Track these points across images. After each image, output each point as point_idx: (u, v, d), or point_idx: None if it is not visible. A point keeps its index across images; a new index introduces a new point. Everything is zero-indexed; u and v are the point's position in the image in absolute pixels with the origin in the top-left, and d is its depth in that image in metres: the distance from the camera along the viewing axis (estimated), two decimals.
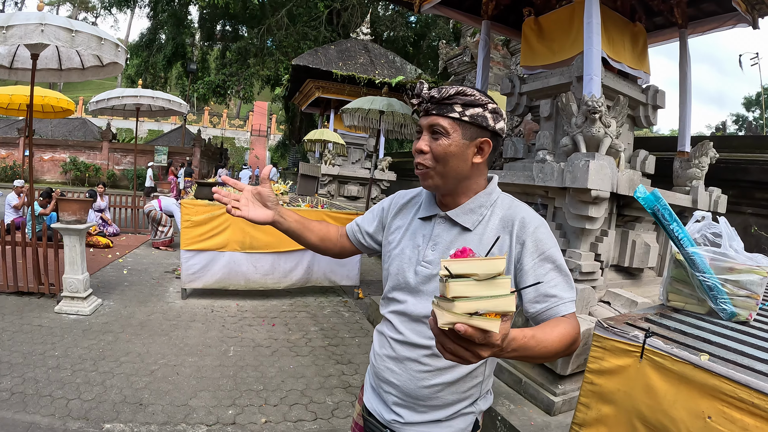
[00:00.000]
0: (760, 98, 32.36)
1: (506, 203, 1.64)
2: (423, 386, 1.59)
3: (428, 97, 1.53)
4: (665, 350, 1.52)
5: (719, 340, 1.66)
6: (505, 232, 1.56)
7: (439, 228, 1.64)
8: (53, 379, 4.25)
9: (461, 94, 1.50)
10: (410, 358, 1.61)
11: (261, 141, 51.05)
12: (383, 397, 1.70)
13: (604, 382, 1.70)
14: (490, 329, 0.98)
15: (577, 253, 4.17)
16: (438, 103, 1.52)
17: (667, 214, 1.85)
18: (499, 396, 3.97)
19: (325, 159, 13.03)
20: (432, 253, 1.61)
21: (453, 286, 0.99)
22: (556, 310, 1.47)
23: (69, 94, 32.61)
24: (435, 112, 1.53)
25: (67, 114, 11.78)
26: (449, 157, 1.52)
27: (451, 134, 1.51)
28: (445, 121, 1.51)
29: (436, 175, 1.57)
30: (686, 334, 1.71)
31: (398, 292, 1.68)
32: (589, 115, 4.07)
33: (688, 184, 5.11)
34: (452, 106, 1.50)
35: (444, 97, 1.50)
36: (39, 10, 5.84)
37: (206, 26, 33.29)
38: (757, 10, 4.77)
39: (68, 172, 25.76)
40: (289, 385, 4.60)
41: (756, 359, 1.50)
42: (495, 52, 11.35)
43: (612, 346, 1.68)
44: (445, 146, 1.51)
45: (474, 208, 1.61)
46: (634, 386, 1.59)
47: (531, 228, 1.54)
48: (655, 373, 1.53)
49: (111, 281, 7.52)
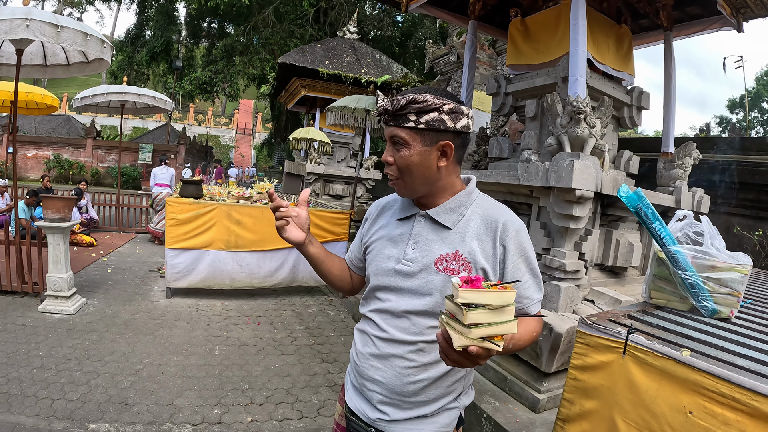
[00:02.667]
0: (744, 100, 32.70)
1: (486, 203, 1.68)
2: (409, 382, 1.61)
3: (383, 110, 1.57)
4: (647, 346, 1.54)
5: (701, 337, 1.69)
6: (488, 233, 1.61)
7: (419, 226, 1.67)
8: (38, 378, 4.22)
9: (413, 102, 1.52)
10: (395, 355, 1.62)
11: (246, 139, 50.92)
12: (367, 395, 1.71)
13: (588, 377, 1.72)
14: (497, 350, 1.17)
15: (562, 252, 4.20)
16: (393, 115, 1.55)
17: (650, 213, 1.88)
18: (484, 394, 3.98)
19: (310, 158, 12.99)
20: (412, 251, 1.64)
21: (470, 314, 1.14)
22: (527, 309, 1.63)
23: (53, 90, 32.32)
24: (392, 123, 1.56)
25: (51, 110, 11.67)
26: (412, 166, 1.57)
27: (410, 144, 1.55)
28: (402, 131, 1.55)
29: (404, 185, 1.62)
30: (668, 330, 1.74)
31: (380, 291, 1.71)
32: (574, 115, 4.10)
33: (672, 185, 5.15)
34: (406, 116, 1.53)
35: (396, 108, 1.53)
36: (24, 5, 5.78)
37: (193, 23, 33.10)
38: (741, 14, 4.82)
39: (52, 169, 25.49)
40: (274, 383, 4.59)
41: (737, 355, 1.53)
42: (481, 52, 11.40)
43: (595, 343, 1.70)
44: (407, 157, 1.56)
45: (454, 208, 1.65)
46: (617, 382, 1.62)
47: (513, 232, 1.60)
48: (638, 369, 1.56)
49: (95, 280, 7.47)
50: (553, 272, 4.24)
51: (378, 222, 1.84)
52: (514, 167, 4.64)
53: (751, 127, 32.39)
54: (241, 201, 7.42)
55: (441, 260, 1.58)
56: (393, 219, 1.76)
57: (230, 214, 6.86)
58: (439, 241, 1.62)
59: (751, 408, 1.27)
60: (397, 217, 1.75)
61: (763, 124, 45.81)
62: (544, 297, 4.07)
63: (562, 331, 3.55)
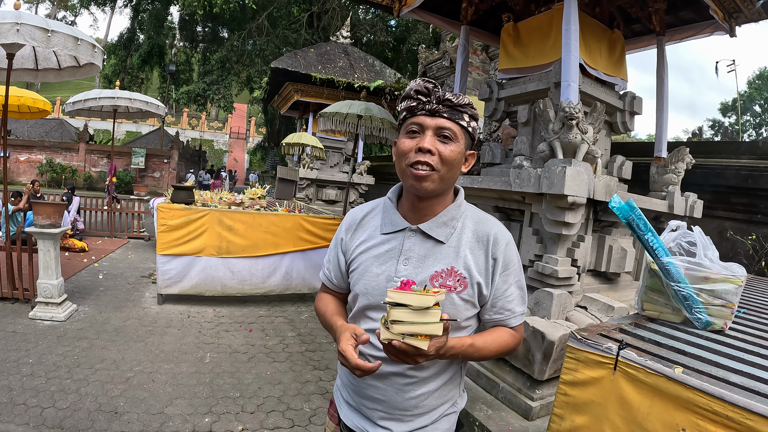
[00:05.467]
0: (737, 104, 32.88)
1: (475, 215, 1.67)
2: (410, 397, 1.59)
3: (443, 99, 1.53)
4: (639, 362, 1.52)
5: (694, 351, 1.66)
6: (480, 247, 1.60)
7: (410, 242, 1.62)
8: (27, 386, 4.17)
9: (470, 105, 1.55)
10: (394, 373, 1.59)
11: (240, 143, 50.83)
12: (367, 413, 1.67)
13: (578, 393, 1.70)
14: (419, 347, 1.31)
15: (554, 259, 4.19)
16: (452, 107, 1.53)
17: (642, 224, 1.85)
18: (476, 401, 3.96)
19: (303, 162, 12.97)
20: (404, 268, 1.59)
21: (393, 312, 1.31)
22: (508, 322, 1.66)
23: (46, 94, 32.34)
24: (447, 115, 1.52)
25: (43, 115, 11.61)
26: (454, 162, 1.54)
27: (459, 140, 1.54)
28: (456, 126, 1.53)
29: (438, 179, 1.53)
30: (661, 345, 1.71)
31: (372, 311, 1.65)
32: (566, 121, 4.09)
33: (665, 190, 5.15)
34: (463, 114, 1.54)
35: (459, 103, 1.53)
36: (15, 8, 5.74)
37: (187, 27, 33.10)
38: (734, 18, 4.84)
39: (44, 173, 25.39)
40: (266, 391, 4.56)
41: (731, 370, 1.50)
42: (474, 56, 11.42)
43: (585, 358, 1.68)
44: (456, 152, 1.54)
45: (446, 221, 1.62)
46: (608, 398, 1.59)
47: (503, 245, 1.60)
48: (629, 385, 1.53)
49: (86, 286, 7.42)
50: (546, 279, 4.23)
51: (358, 236, 1.75)
52: (506, 173, 4.63)
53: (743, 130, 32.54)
54: (232, 207, 7.38)
55: (436, 276, 1.55)
56: (377, 233, 1.69)
57: (222, 220, 6.82)
58: (432, 257, 1.58)
59: (745, 427, 1.25)
60: (383, 231, 1.68)
61: (755, 127, 46.11)
62: (536, 304, 4.06)
63: (554, 339, 3.53)
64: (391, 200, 1.73)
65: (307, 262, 7.40)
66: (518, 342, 1.68)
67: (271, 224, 7.11)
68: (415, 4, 5.66)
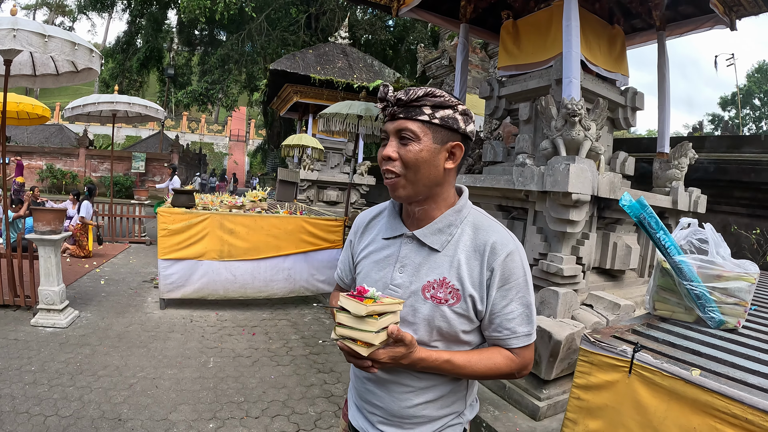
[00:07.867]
0: (736, 98, 32.86)
1: (478, 221, 1.55)
2: (407, 406, 1.54)
3: (395, 99, 1.46)
4: (655, 365, 1.49)
5: (709, 351, 1.63)
6: (476, 257, 1.49)
7: (407, 249, 1.56)
8: (30, 394, 4.14)
9: (430, 95, 1.43)
10: (391, 381, 1.55)
11: (240, 146, 50.85)
12: (367, 417, 1.65)
13: (592, 397, 1.66)
14: (358, 351, 1.34)
15: (559, 257, 4.15)
16: (405, 105, 1.44)
17: (654, 223, 1.82)
18: (483, 402, 3.93)
19: (303, 164, 12.95)
20: (400, 276, 1.54)
21: (338, 315, 1.38)
22: (507, 342, 1.51)
23: (46, 100, 32.31)
24: (403, 115, 1.44)
25: (42, 120, 11.55)
26: (420, 163, 1.43)
27: (421, 138, 1.43)
28: (414, 124, 1.43)
29: (407, 184, 1.47)
30: (675, 346, 1.68)
31: None
32: (568, 118, 4.05)
33: (668, 185, 5.12)
34: (421, 108, 1.43)
35: (412, 99, 1.43)
36: (12, 14, 5.71)
37: (185, 31, 33.10)
38: (734, 11, 4.81)
39: (45, 179, 25.38)
40: (270, 395, 4.53)
41: (748, 371, 1.47)
42: (473, 55, 11.38)
43: (599, 361, 1.64)
44: (416, 152, 1.42)
45: (443, 228, 1.53)
46: (622, 402, 1.56)
47: (502, 256, 1.47)
48: (645, 389, 1.50)
49: (88, 292, 7.39)
50: (551, 277, 4.20)
51: (364, 238, 1.73)
52: (508, 171, 4.60)
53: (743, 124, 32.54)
54: (233, 210, 7.35)
55: (428, 287, 1.49)
56: (379, 237, 1.65)
57: (223, 223, 6.79)
58: (426, 266, 1.51)
59: (765, 430, 1.21)
60: (384, 236, 1.64)
61: (755, 120, 46.09)
62: (542, 303, 4.02)
63: (561, 338, 3.50)
64: (394, 204, 1.68)
65: (310, 264, 7.36)
66: (518, 367, 1.53)
67: (272, 227, 7.08)
68: (414, 3, 5.63)
